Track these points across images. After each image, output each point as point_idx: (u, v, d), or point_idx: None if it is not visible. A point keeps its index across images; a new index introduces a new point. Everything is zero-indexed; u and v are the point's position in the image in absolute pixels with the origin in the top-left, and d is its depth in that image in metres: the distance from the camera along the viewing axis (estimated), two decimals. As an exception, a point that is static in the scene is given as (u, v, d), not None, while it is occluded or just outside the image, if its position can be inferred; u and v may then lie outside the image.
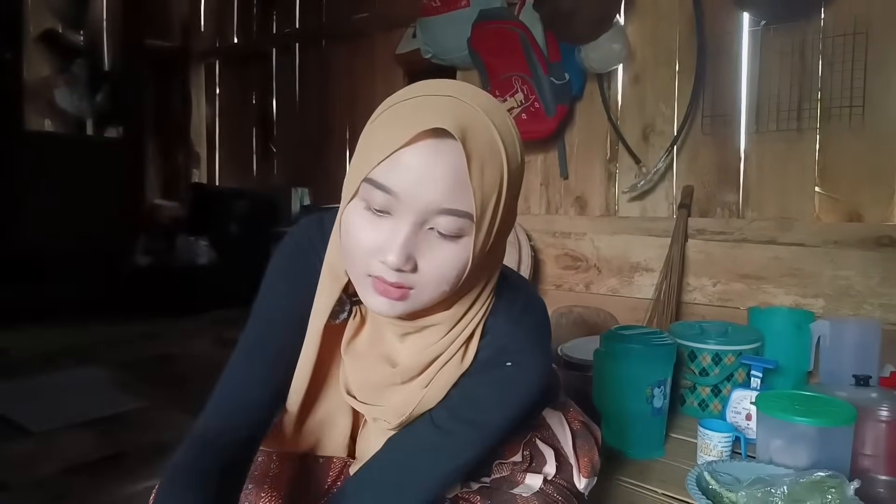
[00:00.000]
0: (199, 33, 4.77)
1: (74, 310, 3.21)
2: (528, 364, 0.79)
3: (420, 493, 0.78)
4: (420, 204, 0.65)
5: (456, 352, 0.78)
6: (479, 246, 0.68)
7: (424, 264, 0.68)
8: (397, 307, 0.70)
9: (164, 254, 3.76)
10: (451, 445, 0.78)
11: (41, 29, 4.11)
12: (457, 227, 0.67)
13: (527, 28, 2.43)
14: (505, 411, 0.79)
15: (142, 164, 4.31)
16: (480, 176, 0.65)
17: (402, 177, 0.65)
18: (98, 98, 4.19)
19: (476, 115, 0.67)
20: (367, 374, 0.81)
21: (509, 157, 0.68)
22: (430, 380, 0.78)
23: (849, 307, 2.00)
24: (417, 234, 0.67)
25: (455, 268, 0.68)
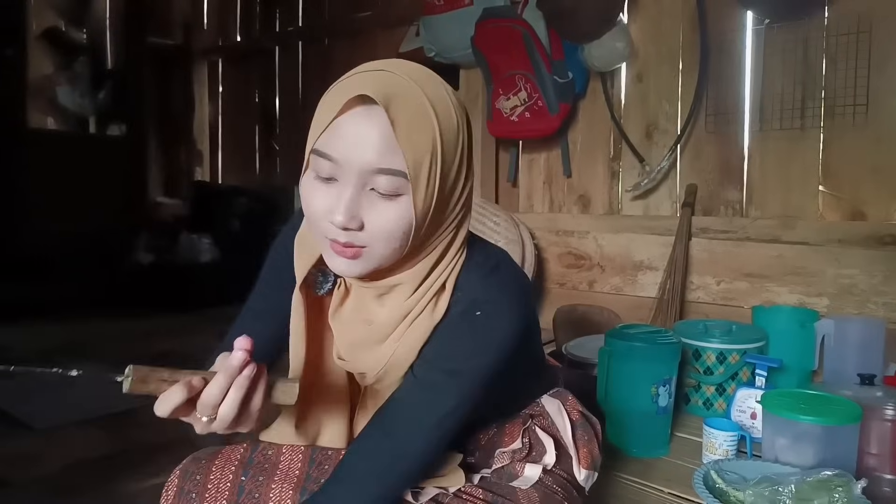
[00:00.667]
0: (202, 31, 4.76)
1: (77, 307, 3.21)
2: (500, 311, 0.82)
3: (408, 445, 0.81)
4: (356, 166, 0.72)
5: (425, 306, 0.81)
6: (421, 202, 0.74)
7: (369, 223, 0.74)
8: (354, 266, 0.76)
9: (167, 251, 3.76)
10: (432, 396, 0.81)
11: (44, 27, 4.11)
12: (393, 186, 0.72)
13: (530, 26, 2.43)
14: (480, 358, 0.81)
15: (144, 161, 4.32)
16: (408, 137, 0.71)
17: (339, 143, 0.72)
18: (100, 96, 4.20)
19: (404, 83, 0.73)
20: (350, 336, 0.86)
21: (441, 119, 0.74)
22: (402, 335, 0.82)
23: (852, 306, 2.00)
24: (360, 195, 0.73)
25: (399, 224, 0.74)
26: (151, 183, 4.50)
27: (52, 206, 3.53)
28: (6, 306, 2.98)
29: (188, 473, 0.88)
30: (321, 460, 0.90)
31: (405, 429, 0.81)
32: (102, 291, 3.45)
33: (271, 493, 0.85)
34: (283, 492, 0.85)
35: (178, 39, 4.79)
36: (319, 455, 0.90)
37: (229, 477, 0.86)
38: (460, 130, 0.77)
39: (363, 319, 0.85)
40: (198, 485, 0.86)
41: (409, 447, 0.81)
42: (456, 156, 0.77)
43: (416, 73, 0.76)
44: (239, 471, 0.87)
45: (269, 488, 0.85)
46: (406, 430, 0.81)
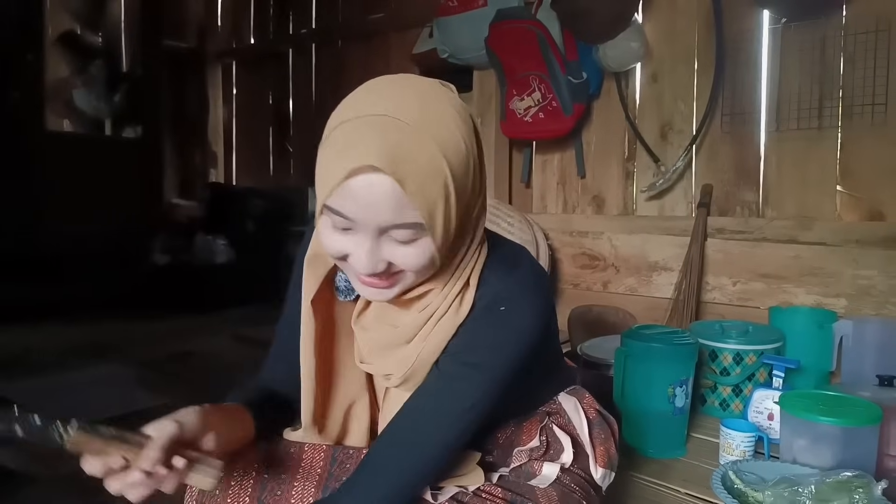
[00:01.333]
0: (216, 34, 4.80)
1: (94, 308, 3.24)
2: (521, 305, 0.84)
3: (432, 435, 0.82)
4: (372, 223, 0.74)
5: (450, 305, 0.83)
6: (441, 239, 0.75)
7: (395, 261, 0.77)
8: (388, 293, 0.80)
9: (183, 252, 3.79)
10: (456, 388, 0.83)
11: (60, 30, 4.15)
12: (410, 234, 0.74)
13: (544, 27, 2.42)
14: (504, 351, 0.83)
15: (159, 163, 4.35)
16: (420, 192, 0.72)
17: (352, 204, 0.73)
18: (116, 98, 4.23)
19: (409, 134, 0.72)
20: (375, 339, 0.88)
21: (451, 159, 0.74)
22: (427, 334, 0.84)
23: (871, 307, 1.99)
24: (379, 242, 0.75)
25: (423, 260, 0.76)
26: (167, 184, 4.53)
27: (69, 207, 3.57)
28: (25, 308, 3.02)
29: None
30: (343, 459, 0.91)
31: (429, 420, 0.82)
32: (119, 293, 3.47)
33: (293, 490, 0.86)
34: (306, 489, 0.86)
35: (192, 42, 4.82)
36: (341, 454, 0.91)
37: (252, 474, 0.87)
38: (469, 150, 0.77)
39: (388, 323, 0.87)
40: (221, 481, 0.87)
41: (432, 438, 0.82)
42: (469, 178, 0.78)
43: (417, 115, 0.74)
44: (262, 468, 0.88)
45: (291, 485, 0.86)
46: (430, 420, 0.82)
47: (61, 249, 3.41)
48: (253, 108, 4.66)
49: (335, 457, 0.91)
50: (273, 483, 0.87)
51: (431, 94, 0.77)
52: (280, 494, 0.85)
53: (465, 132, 0.77)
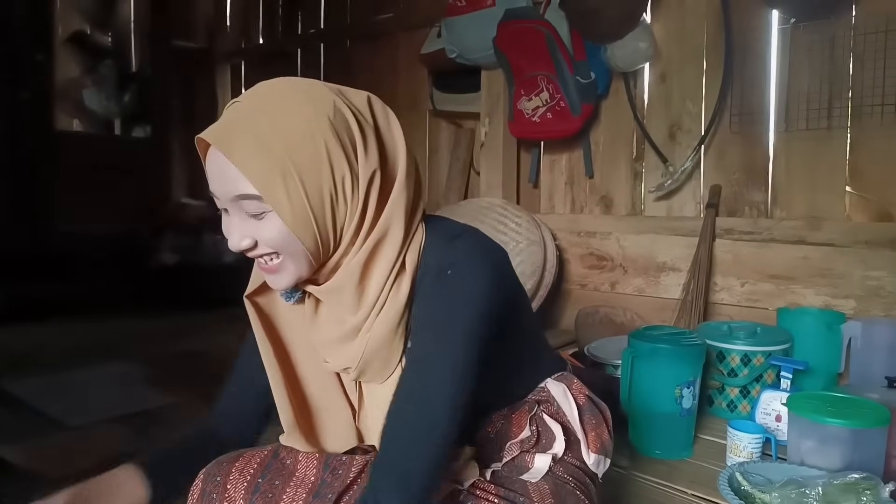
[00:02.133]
0: (225, 34, 4.81)
1: (103, 306, 3.26)
2: (470, 267, 0.84)
3: (432, 412, 0.81)
4: (224, 196, 0.82)
5: (389, 292, 0.85)
6: (290, 215, 0.79)
7: (259, 239, 0.82)
8: (281, 279, 0.85)
9: (191, 252, 3.80)
10: (430, 363, 0.83)
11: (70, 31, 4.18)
12: (255, 207, 0.80)
13: (552, 27, 2.42)
14: (461, 312, 0.83)
15: (168, 163, 4.37)
16: (247, 162, 0.78)
17: (210, 181, 0.83)
18: (125, 98, 4.26)
19: (240, 110, 0.82)
20: (326, 336, 0.91)
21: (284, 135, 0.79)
22: (371, 325, 0.86)
23: (880, 308, 1.97)
24: (241, 219, 0.83)
25: (279, 237, 0.81)
26: (175, 184, 4.55)
27: (78, 206, 3.59)
28: (33, 307, 3.04)
29: (210, 475, 0.91)
30: (335, 465, 0.91)
31: (418, 410, 0.82)
32: (127, 292, 3.49)
33: (284, 495, 0.88)
34: (297, 494, 0.87)
35: (201, 42, 4.84)
36: (334, 461, 0.92)
37: (247, 478, 0.90)
38: (316, 133, 0.80)
39: (336, 320, 0.90)
40: (218, 485, 0.89)
41: (433, 412, 0.81)
42: (320, 158, 0.80)
43: (260, 95, 0.83)
44: (258, 473, 0.90)
45: (283, 491, 0.88)
46: (418, 411, 0.82)
47: (69, 248, 3.43)
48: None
49: (328, 463, 0.92)
50: (266, 486, 0.89)
51: (283, 84, 0.85)
52: (271, 497, 0.87)
53: (312, 118, 0.81)
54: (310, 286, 0.89)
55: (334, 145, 0.81)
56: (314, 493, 0.87)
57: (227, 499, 0.88)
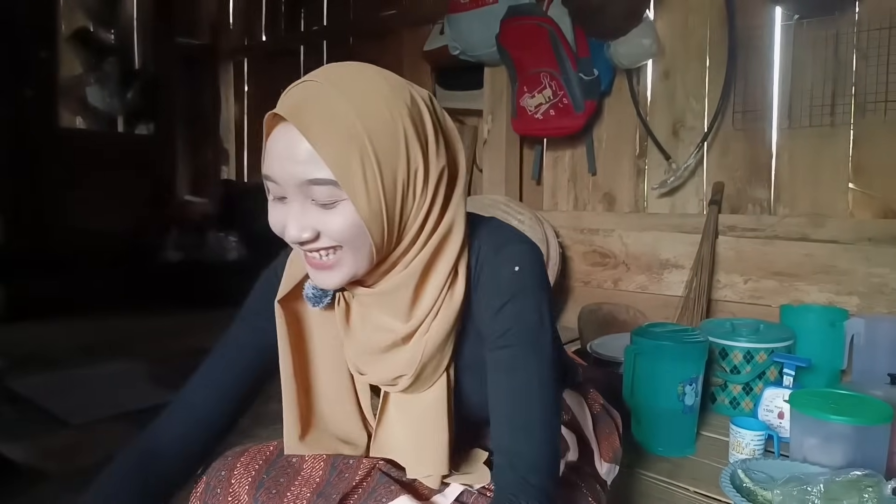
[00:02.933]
0: (228, 31, 4.81)
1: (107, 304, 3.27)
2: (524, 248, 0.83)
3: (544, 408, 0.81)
4: (291, 181, 0.74)
5: (444, 297, 0.82)
6: (365, 204, 0.74)
7: (323, 231, 0.75)
8: (333, 276, 0.78)
9: (195, 249, 3.81)
10: (527, 363, 0.81)
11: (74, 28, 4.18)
12: (328, 194, 0.73)
13: (555, 23, 2.42)
14: (541, 309, 0.82)
15: (172, 160, 4.37)
16: (326, 144, 0.71)
17: (272, 162, 0.75)
18: (129, 95, 4.26)
19: (320, 89, 0.75)
20: (367, 345, 0.86)
21: (365, 117, 0.73)
22: (427, 328, 0.82)
23: (883, 305, 1.97)
24: (305, 207, 0.75)
25: (349, 230, 0.74)
26: (179, 181, 4.56)
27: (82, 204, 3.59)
28: (38, 304, 3.04)
29: (215, 470, 0.90)
30: (342, 468, 0.90)
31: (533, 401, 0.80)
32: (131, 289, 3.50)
33: (289, 492, 0.87)
34: (301, 493, 0.86)
35: (204, 39, 4.84)
36: (341, 463, 0.91)
37: (252, 473, 0.89)
38: (397, 120, 0.76)
39: (375, 327, 0.85)
40: (222, 480, 0.89)
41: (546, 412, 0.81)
42: (398, 148, 0.75)
43: (340, 75, 0.77)
44: (262, 469, 0.90)
45: (287, 488, 0.87)
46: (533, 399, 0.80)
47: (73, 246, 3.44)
48: (265, 106, 4.65)
49: (335, 465, 0.91)
50: (270, 483, 0.88)
51: (361, 68, 0.81)
52: (275, 493, 0.86)
53: (392, 101, 0.77)
54: (358, 288, 0.84)
55: (412, 135, 0.77)
56: (318, 492, 0.87)
57: (231, 494, 0.87)
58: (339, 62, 0.81)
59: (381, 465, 0.89)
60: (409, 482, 0.88)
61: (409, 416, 0.87)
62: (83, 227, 3.54)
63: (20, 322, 2.91)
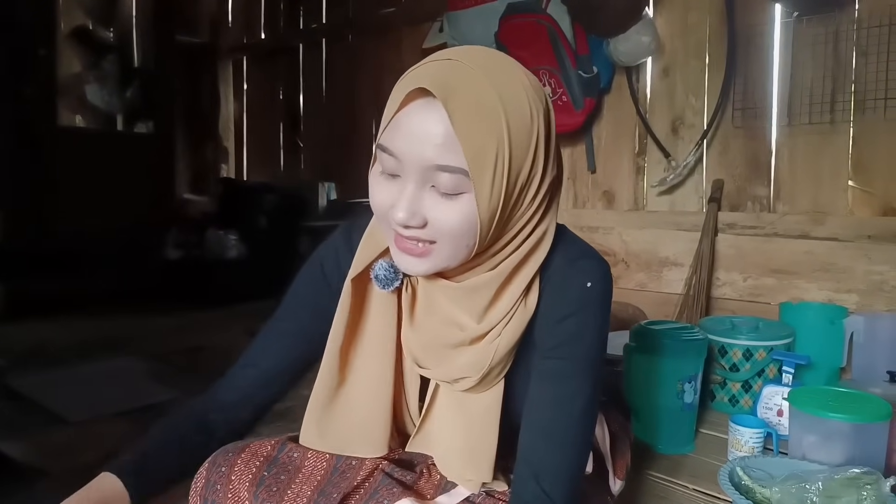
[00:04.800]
0: (227, 29, 4.81)
1: (108, 302, 3.27)
2: (593, 263, 0.81)
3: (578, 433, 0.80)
4: (417, 162, 0.69)
5: (519, 304, 0.80)
6: (486, 201, 0.70)
7: (433, 221, 0.71)
8: (420, 265, 0.75)
9: (194, 247, 3.81)
10: (577, 375, 0.80)
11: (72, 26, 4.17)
12: (454, 184, 0.69)
13: (554, 21, 2.42)
14: (602, 328, 0.82)
15: (171, 158, 4.37)
16: (468, 131, 0.67)
17: (400, 138, 0.70)
18: (128, 94, 4.25)
19: (468, 72, 0.70)
20: (434, 339, 0.83)
21: (509, 111, 0.70)
22: (499, 333, 0.80)
23: (883, 303, 1.97)
24: (422, 192, 0.71)
25: (462, 224, 0.71)
26: (178, 179, 4.55)
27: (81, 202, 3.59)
28: (38, 302, 3.05)
29: (215, 465, 0.89)
30: (344, 469, 0.89)
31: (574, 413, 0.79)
32: (131, 287, 3.50)
33: (290, 490, 0.86)
34: (302, 491, 0.85)
35: (203, 37, 4.83)
36: (343, 464, 0.90)
37: (252, 470, 0.88)
38: (535, 120, 0.72)
39: (442, 321, 0.83)
40: (223, 476, 0.87)
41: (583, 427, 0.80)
42: (529, 149, 0.72)
43: (486, 61, 0.72)
44: (263, 466, 0.88)
45: (288, 485, 0.86)
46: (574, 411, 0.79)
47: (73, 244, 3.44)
48: (264, 104, 4.67)
49: (337, 466, 0.90)
50: (270, 480, 0.87)
51: (500, 56, 0.75)
52: (276, 490, 0.85)
53: (532, 94, 0.73)
54: (440, 280, 0.81)
55: (542, 137, 0.73)
56: (320, 490, 0.86)
57: (232, 490, 0.87)
58: (475, 46, 0.76)
59: (384, 465, 0.89)
60: (412, 484, 0.87)
61: (463, 415, 0.85)
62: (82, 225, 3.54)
63: (19, 320, 2.91)
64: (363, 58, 3.85)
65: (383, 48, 3.66)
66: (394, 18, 3.60)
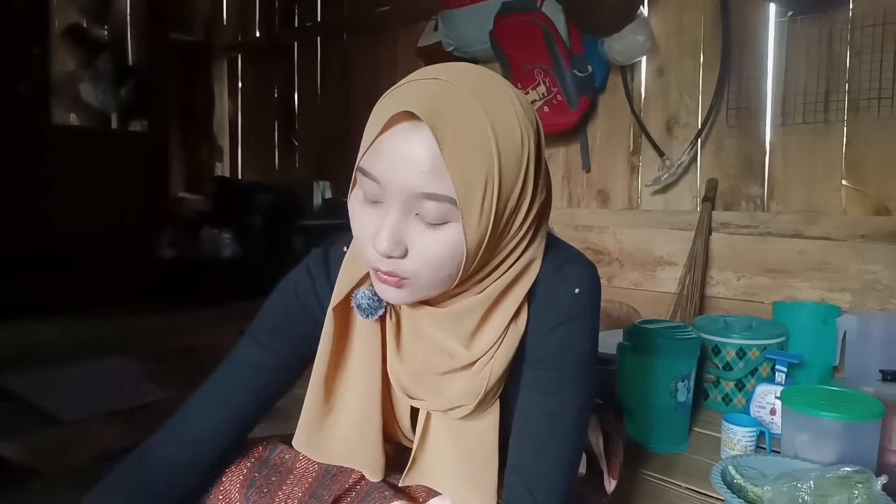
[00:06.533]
0: (222, 27, 4.80)
1: (102, 302, 3.26)
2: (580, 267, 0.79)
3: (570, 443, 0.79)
4: (401, 189, 0.66)
5: (510, 326, 0.77)
6: (474, 230, 0.67)
7: (414, 251, 0.68)
8: (400, 294, 0.71)
9: (189, 246, 3.80)
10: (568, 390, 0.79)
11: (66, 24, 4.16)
12: (440, 213, 0.66)
13: (549, 20, 2.42)
14: (592, 339, 0.80)
15: (166, 157, 4.35)
16: (457, 158, 0.64)
17: (383, 163, 0.66)
18: (122, 92, 4.24)
19: (457, 94, 0.66)
20: (423, 367, 0.80)
21: (499, 137, 0.66)
22: (492, 356, 0.78)
23: (876, 302, 1.98)
24: (405, 221, 0.67)
25: (446, 254, 0.67)
26: (173, 178, 4.54)
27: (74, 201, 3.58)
28: (31, 302, 3.03)
29: None
30: (336, 471, 0.89)
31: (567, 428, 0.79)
32: (125, 287, 3.49)
33: (280, 491, 0.86)
34: (293, 492, 0.86)
35: (198, 36, 4.82)
36: (335, 467, 0.89)
37: (243, 471, 0.88)
38: (525, 145, 0.69)
39: (437, 350, 0.80)
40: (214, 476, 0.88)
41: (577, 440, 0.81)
42: (519, 175, 0.69)
43: (475, 82, 0.68)
44: (254, 467, 0.88)
45: (279, 487, 0.86)
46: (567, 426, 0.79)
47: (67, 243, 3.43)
48: (259, 102, 4.67)
49: (328, 469, 0.89)
50: (262, 482, 0.87)
51: (491, 75, 0.72)
52: (267, 492, 0.85)
53: (522, 116, 0.70)
54: (423, 307, 0.78)
55: (532, 162, 0.70)
56: (311, 492, 0.86)
57: (223, 492, 0.87)
58: (461, 63, 0.72)
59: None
60: (404, 488, 0.87)
61: (460, 442, 0.82)
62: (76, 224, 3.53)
63: (12, 319, 2.90)
64: (358, 56, 3.85)
65: (378, 47, 3.66)
66: (388, 17, 3.60)
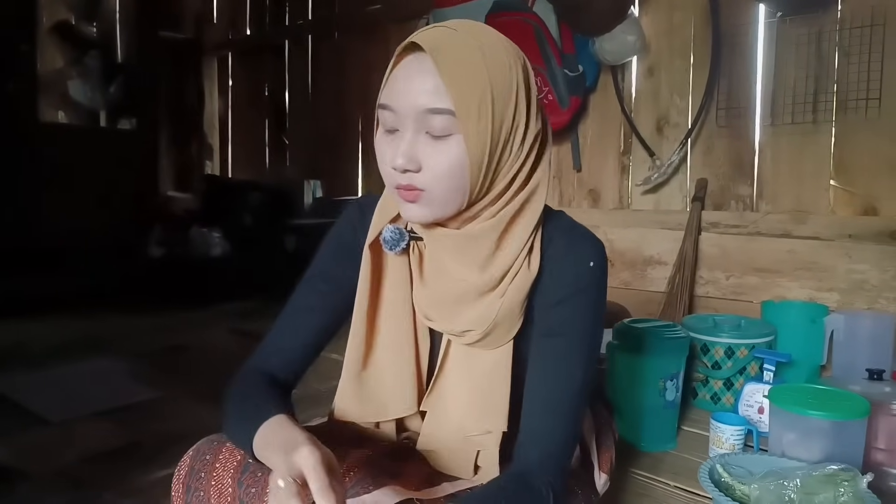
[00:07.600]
0: (212, 25, 4.78)
1: (90, 301, 3.24)
2: (589, 236, 0.89)
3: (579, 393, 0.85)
4: (411, 109, 0.78)
5: (522, 263, 0.85)
6: (474, 137, 0.77)
7: (427, 164, 0.79)
8: (419, 210, 0.81)
9: (178, 245, 3.78)
10: (575, 348, 0.85)
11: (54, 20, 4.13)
12: (445, 126, 0.77)
13: (540, 19, 2.42)
14: (602, 305, 0.88)
15: (155, 155, 4.33)
16: (453, 77, 0.76)
17: (394, 91, 0.80)
18: (111, 89, 4.21)
19: (454, 33, 0.79)
20: (441, 294, 0.89)
21: (489, 60, 0.78)
22: (504, 290, 0.85)
23: (863, 301, 1.99)
24: (417, 139, 0.79)
25: (454, 163, 0.78)
26: (162, 177, 4.52)
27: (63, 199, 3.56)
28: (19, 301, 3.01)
29: (200, 453, 0.90)
30: (368, 434, 0.94)
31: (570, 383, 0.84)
32: (114, 285, 3.47)
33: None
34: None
35: (188, 33, 4.80)
36: (365, 431, 0.95)
37: (237, 457, 0.88)
38: (513, 71, 0.80)
39: (450, 279, 0.88)
40: (206, 464, 0.88)
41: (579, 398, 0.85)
42: (511, 97, 0.80)
43: (469, 26, 0.82)
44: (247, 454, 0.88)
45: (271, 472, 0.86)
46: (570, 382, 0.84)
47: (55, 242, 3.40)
48: (249, 101, 4.65)
49: (364, 433, 0.94)
50: (256, 466, 0.87)
51: (483, 26, 0.84)
52: (260, 476, 0.85)
53: (512, 54, 0.82)
54: (439, 229, 0.87)
55: (522, 92, 0.81)
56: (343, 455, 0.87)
57: (216, 478, 0.87)
58: (461, 20, 0.86)
59: (373, 456, 0.89)
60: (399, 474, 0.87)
61: (475, 368, 0.90)
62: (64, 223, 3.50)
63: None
64: (349, 55, 3.84)
65: (370, 45, 3.65)
66: (380, 15, 3.60)
